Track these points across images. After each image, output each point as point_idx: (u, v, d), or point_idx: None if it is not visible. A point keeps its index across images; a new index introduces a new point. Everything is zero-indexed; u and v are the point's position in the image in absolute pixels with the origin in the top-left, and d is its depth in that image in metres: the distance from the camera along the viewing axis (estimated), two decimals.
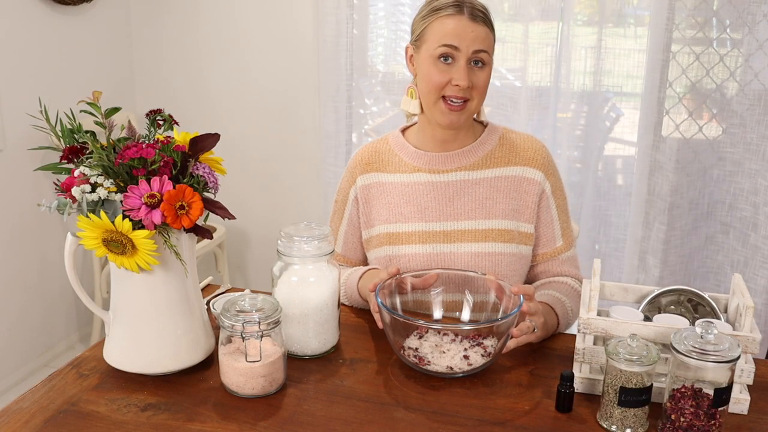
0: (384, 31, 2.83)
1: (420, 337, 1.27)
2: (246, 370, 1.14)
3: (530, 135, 1.56)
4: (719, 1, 2.29)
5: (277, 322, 1.15)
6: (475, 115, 1.53)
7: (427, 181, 1.51)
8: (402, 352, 1.25)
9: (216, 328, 1.31)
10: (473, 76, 1.41)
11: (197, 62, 3.06)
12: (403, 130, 1.59)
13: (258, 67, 2.98)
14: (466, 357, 1.22)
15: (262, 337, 1.13)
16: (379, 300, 1.24)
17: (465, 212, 1.49)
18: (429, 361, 1.22)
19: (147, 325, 1.19)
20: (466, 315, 1.39)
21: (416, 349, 1.25)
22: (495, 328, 1.25)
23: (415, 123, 1.57)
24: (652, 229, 2.52)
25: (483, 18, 1.41)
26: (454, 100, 1.41)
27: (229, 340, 1.17)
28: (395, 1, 2.77)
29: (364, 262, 1.62)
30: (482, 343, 1.26)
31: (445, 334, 1.28)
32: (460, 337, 1.27)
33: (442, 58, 1.40)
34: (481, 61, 1.41)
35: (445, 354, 1.23)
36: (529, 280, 1.57)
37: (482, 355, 1.23)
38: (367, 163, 1.58)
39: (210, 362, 1.26)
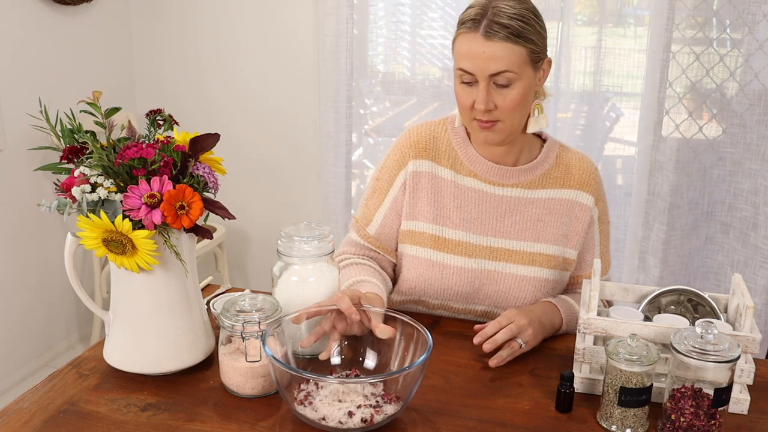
0: (384, 31, 2.83)
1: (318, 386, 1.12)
2: (246, 370, 1.14)
3: (584, 155, 1.49)
4: (719, 1, 2.29)
5: (277, 322, 1.15)
6: (534, 129, 1.40)
7: (481, 190, 1.43)
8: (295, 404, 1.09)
9: (216, 328, 1.30)
10: (496, 97, 1.30)
11: (197, 62, 3.05)
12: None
13: (258, 67, 2.98)
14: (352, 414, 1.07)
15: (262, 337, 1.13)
16: (269, 351, 1.07)
17: (515, 232, 1.43)
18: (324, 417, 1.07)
19: (147, 325, 1.19)
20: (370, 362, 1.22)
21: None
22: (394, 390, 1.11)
23: None
24: (652, 229, 2.52)
25: (504, 34, 1.26)
26: (481, 120, 1.33)
27: (229, 340, 1.17)
28: (395, 1, 2.77)
29: (395, 250, 1.51)
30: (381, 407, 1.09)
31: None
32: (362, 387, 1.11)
33: (463, 80, 1.32)
34: (506, 81, 1.29)
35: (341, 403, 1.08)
36: None
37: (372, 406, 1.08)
38: (423, 148, 1.46)
39: (210, 362, 1.26)
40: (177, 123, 1.24)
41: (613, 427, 1.09)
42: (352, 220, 1.55)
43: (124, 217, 1.08)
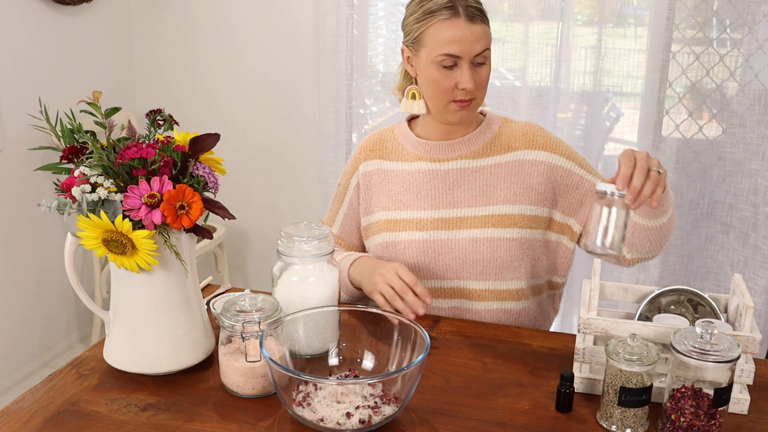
0: (384, 31, 2.83)
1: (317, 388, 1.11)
2: (246, 370, 1.14)
3: (527, 121, 1.55)
4: (719, 1, 2.29)
5: (277, 322, 1.15)
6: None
7: (427, 169, 1.52)
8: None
9: (216, 328, 1.31)
10: (476, 75, 1.40)
11: (197, 62, 3.06)
12: (410, 120, 1.60)
13: (258, 68, 2.98)
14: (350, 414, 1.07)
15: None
16: (266, 354, 1.06)
17: (464, 200, 1.49)
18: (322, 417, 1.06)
19: (147, 325, 1.19)
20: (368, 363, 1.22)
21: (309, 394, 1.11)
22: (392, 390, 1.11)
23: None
24: None
25: (480, 15, 1.39)
26: (463, 100, 1.41)
27: (229, 340, 1.17)
28: (395, 1, 2.77)
29: (360, 245, 1.64)
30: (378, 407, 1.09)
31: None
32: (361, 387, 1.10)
33: (445, 65, 1.39)
34: (483, 59, 1.40)
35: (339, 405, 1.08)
36: None
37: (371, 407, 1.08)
38: (371, 150, 1.60)
39: (210, 362, 1.26)
40: (177, 123, 1.24)
41: (613, 427, 1.09)
42: (320, 221, 1.66)
43: (124, 217, 1.08)
